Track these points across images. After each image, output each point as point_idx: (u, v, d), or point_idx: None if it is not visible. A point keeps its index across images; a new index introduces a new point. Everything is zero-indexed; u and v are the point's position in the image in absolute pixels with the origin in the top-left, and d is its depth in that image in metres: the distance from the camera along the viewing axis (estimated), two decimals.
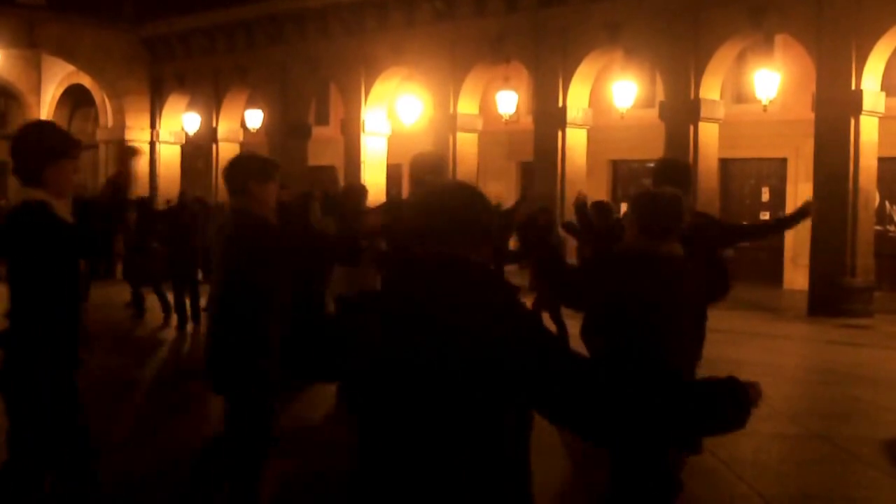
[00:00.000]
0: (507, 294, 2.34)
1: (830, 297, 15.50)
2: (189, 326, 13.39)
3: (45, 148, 3.97)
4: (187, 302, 13.47)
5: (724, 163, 19.87)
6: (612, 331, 4.15)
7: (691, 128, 17.46)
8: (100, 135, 28.57)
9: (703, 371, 7.00)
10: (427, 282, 2.31)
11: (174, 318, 13.64)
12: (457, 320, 2.23)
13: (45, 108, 30.96)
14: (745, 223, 13.86)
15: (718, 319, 13.60)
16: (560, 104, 19.15)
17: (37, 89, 30.91)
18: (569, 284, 4.53)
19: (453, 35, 20.78)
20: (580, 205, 8.81)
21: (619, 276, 4.16)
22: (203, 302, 14.04)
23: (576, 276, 4.68)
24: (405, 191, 21.62)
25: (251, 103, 25.67)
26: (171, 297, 13.83)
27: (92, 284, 13.38)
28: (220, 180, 4.92)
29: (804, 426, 7.99)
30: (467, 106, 21.05)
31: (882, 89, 15.80)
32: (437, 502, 2.25)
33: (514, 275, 14.16)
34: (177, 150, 28.14)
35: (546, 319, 9.66)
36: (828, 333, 13.82)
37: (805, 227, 17.18)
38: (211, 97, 26.27)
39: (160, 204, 21.32)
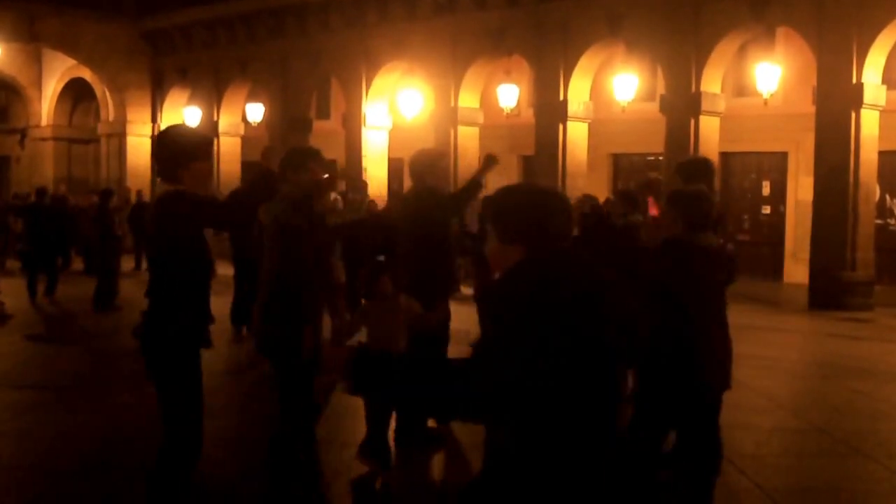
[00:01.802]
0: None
1: (831, 291, 15.52)
2: None
3: (178, 152, 4.33)
4: None
5: (725, 156, 19.87)
6: (660, 314, 4.48)
7: (692, 121, 17.47)
8: (101, 129, 28.60)
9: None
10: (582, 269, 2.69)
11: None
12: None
13: (47, 102, 30.98)
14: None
15: None
16: (561, 98, 19.16)
17: (38, 83, 30.92)
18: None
19: (454, 29, 20.79)
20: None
21: (668, 263, 4.54)
22: None
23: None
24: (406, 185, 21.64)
25: (252, 97, 25.68)
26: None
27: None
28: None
29: (804, 419, 8.02)
30: (468, 99, 21.06)
31: (883, 83, 15.80)
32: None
33: None
34: None
35: None
36: (828, 327, 13.84)
37: (806, 221, 17.25)
38: (212, 91, 26.28)
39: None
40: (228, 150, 26.15)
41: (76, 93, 30.72)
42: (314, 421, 5.83)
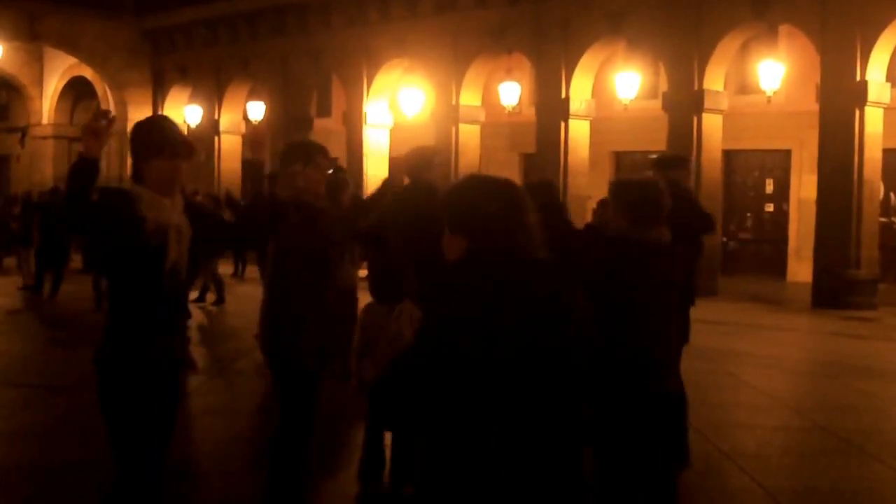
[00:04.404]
0: None
1: (834, 290, 15.44)
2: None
3: (143, 144, 3.84)
4: None
5: (728, 154, 19.78)
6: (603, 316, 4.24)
7: (695, 119, 17.39)
8: None
9: (703, 363, 6.97)
10: None
11: None
12: None
13: (48, 100, 30.99)
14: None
15: (722, 311, 13.70)
16: (563, 95, 19.08)
17: (39, 82, 30.92)
18: None
19: (455, 26, 20.72)
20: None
21: (608, 261, 4.22)
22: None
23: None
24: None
25: (253, 95, 25.65)
26: None
27: None
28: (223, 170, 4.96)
29: (807, 418, 7.95)
30: (469, 97, 20.99)
31: (887, 80, 15.73)
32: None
33: None
34: None
35: None
36: (831, 326, 13.77)
37: (809, 219, 17.17)
38: (213, 89, 26.24)
39: None
40: (229, 149, 26.14)
41: (77, 91, 30.71)
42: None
